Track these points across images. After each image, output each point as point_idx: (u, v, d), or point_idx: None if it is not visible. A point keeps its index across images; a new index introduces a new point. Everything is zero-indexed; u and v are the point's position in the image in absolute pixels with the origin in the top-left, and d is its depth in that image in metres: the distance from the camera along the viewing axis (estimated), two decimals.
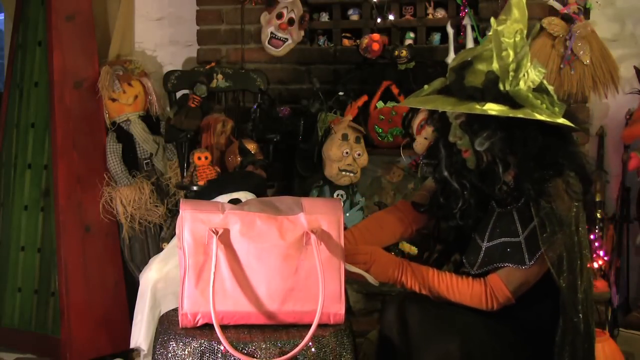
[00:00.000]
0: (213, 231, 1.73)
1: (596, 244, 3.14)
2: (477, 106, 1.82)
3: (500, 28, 1.90)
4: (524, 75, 1.87)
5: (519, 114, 1.81)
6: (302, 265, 1.76)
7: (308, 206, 1.81)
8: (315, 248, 1.74)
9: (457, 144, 1.98)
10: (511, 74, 1.86)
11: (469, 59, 1.92)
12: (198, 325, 1.76)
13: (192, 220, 1.75)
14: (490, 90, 1.85)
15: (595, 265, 3.13)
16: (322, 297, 1.72)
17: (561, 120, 1.86)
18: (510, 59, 1.87)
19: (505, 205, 1.94)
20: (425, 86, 2.02)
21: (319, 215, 1.78)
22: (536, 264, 1.88)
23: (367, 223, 2.16)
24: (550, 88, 1.94)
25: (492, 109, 1.82)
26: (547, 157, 1.87)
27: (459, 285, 1.93)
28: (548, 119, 1.83)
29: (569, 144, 1.93)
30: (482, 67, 1.89)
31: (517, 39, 1.90)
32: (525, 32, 1.94)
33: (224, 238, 1.74)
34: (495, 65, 1.87)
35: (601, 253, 3.15)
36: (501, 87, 1.86)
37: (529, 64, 1.89)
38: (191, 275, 1.74)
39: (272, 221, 1.76)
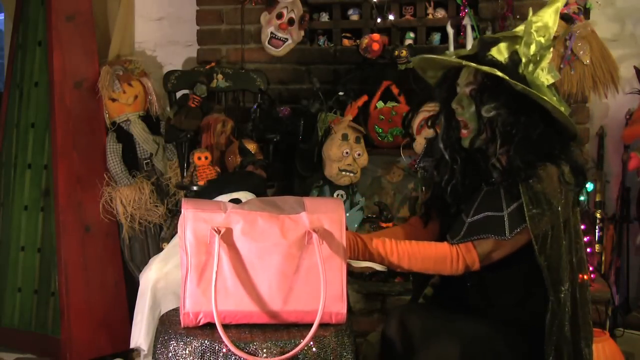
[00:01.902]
0: (215, 230, 1.73)
1: (588, 250, 3.12)
2: (499, 72, 1.88)
3: (535, 24, 1.97)
4: (542, 69, 1.95)
5: (533, 91, 1.87)
6: (304, 264, 1.75)
7: (310, 205, 1.81)
8: (317, 247, 1.74)
9: (457, 112, 2.00)
10: (531, 65, 1.93)
11: (499, 37, 1.99)
12: (200, 324, 1.75)
13: (194, 219, 1.75)
14: (511, 68, 1.92)
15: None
16: (324, 297, 1.72)
17: (565, 116, 1.91)
18: (533, 52, 1.94)
19: (494, 184, 1.96)
20: (447, 52, 2.08)
21: (321, 214, 1.78)
22: (513, 239, 1.89)
23: (384, 233, 2.17)
24: (558, 94, 2.00)
25: (510, 80, 1.88)
26: (543, 146, 1.90)
27: (421, 250, 1.92)
28: (555, 106, 1.89)
29: (568, 141, 1.96)
30: (508, 47, 1.95)
31: (543, 40, 1.96)
32: (549, 39, 2.00)
33: (226, 237, 1.74)
34: (520, 50, 1.94)
35: (590, 268, 3.13)
36: (520, 70, 1.92)
37: (547, 63, 1.96)
38: (193, 274, 1.74)
39: (274, 220, 1.76)
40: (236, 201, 2.27)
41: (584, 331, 1.97)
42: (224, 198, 2.64)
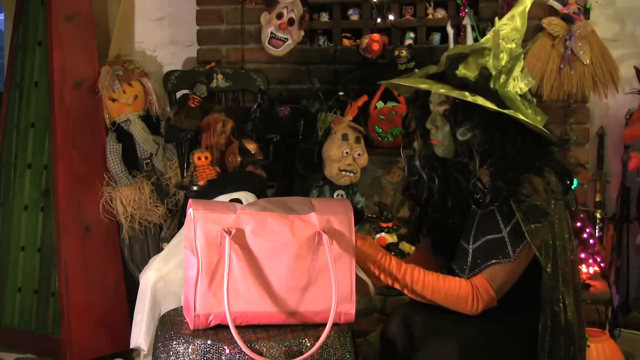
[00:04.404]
0: (226, 231, 1.72)
1: (595, 248, 3.13)
2: (468, 94, 1.86)
3: (502, 32, 1.95)
4: (514, 79, 1.92)
5: (506, 112, 1.85)
6: (314, 264, 1.75)
7: (319, 206, 1.80)
8: (327, 247, 1.74)
9: (431, 133, 1.99)
10: (503, 76, 1.91)
11: (467, 52, 1.95)
12: (210, 326, 1.75)
13: (204, 220, 1.73)
14: (482, 85, 1.89)
15: (591, 270, 3.11)
16: (336, 297, 1.72)
17: (542, 129, 1.89)
18: (504, 62, 1.92)
19: (485, 206, 1.95)
20: (416, 70, 2.05)
21: (330, 215, 1.78)
22: (519, 257, 1.89)
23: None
24: (534, 100, 1.98)
25: (482, 102, 1.85)
26: (524, 160, 1.89)
27: (446, 286, 1.92)
28: (531, 122, 1.87)
29: (547, 150, 1.94)
30: (477, 61, 1.93)
31: (513, 46, 1.95)
32: (521, 41, 1.98)
33: (237, 238, 1.73)
34: (490, 63, 1.91)
35: (598, 259, 3.14)
36: (492, 85, 1.90)
37: (520, 71, 1.94)
38: (204, 276, 1.72)
39: (284, 220, 1.76)
40: (236, 201, 2.27)
41: (578, 334, 1.97)
42: (224, 198, 2.63)
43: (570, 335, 1.91)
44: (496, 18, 2.01)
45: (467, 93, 1.86)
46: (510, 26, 1.96)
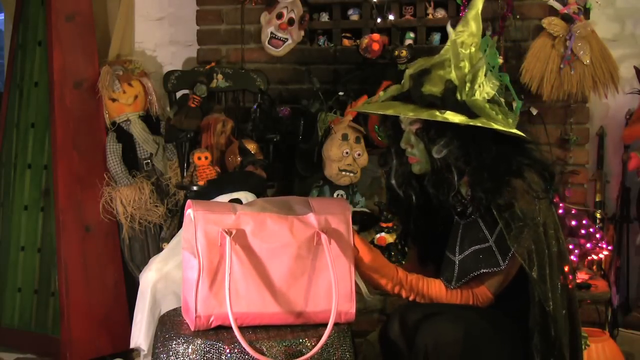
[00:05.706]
0: (226, 232, 1.72)
1: (597, 235, 3.14)
2: (438, 114, 1.86)
3: (459, 40, 1.95)
4: (479, 86, 1.92)
5: (477, 123, 1.86)
6: (314, 265, 1.76)
7: (317, 206, 1.81)
8: (326, 247, 1.74)
9: (407, 152, 2.01)
10: (467, 84, 1.91)
11: (428, 67, 1.95)
12: (212, 327, 1.75)
13: (204, 221, 1.73)
14: (449, 99, 1.89)
15: (602, 255, 3.12)
16: (337, 297, 1.72)
17: (515, 131, 1.90)
18: (467, 70, 1.92)
19: (468, 216, 1.96)
20: (381, 92, 2.05)
21: (329, 215, 1.79)
22: (510, 262, 1.90)
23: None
24: (502, 100, 1.98)
25: (452, 117, 1.86)
26: (500, 167, 1.89)
27: (448, 297, 1.96)
28: (504, 129, 1.87)
29: (523, 149, 1.95)
30: (440, 75, 1.93)
31: (472, 51, 1.95)
32: (479, 45, 1.98)
33: (237, 239, 1.73)
34: (453, 75, 1.92)
35: (603, 245, 3.14)
36: (458, 96, 1.90)
37: (484, 75, 1.94)
38: (205, 277, 1.72)
39: (283, 221, 1.76)
40: (236, 201, 2.28)
41: (571, 331, 1.97)
42: (224, 198, 2.64)
43: (559, 334, 1.91)
44: (450, 28, 2.02)
45: (437, 112, 1.86)
46: (466, 32, 1.97)
